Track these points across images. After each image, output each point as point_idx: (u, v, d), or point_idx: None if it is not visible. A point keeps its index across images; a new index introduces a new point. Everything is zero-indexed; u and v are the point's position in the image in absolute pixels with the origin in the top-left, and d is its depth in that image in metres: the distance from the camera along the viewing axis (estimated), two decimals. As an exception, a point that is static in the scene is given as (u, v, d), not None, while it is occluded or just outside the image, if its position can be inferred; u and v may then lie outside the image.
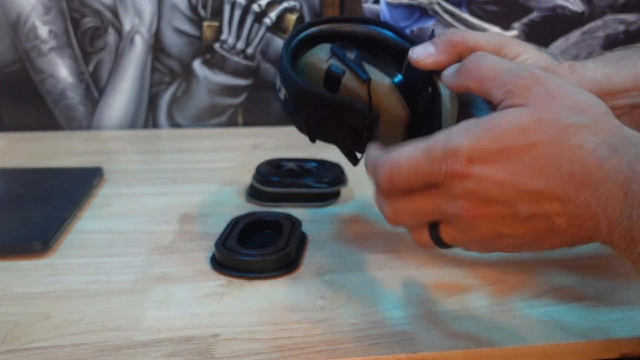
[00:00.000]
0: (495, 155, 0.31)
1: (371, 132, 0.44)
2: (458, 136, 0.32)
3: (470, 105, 0.42)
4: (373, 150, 0.37)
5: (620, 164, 0.29)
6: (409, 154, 0.34)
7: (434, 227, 0.36)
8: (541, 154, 0.31)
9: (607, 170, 0.30)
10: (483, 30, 0.98)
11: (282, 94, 0.47)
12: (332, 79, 0.45)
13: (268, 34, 0.94)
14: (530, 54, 0.41)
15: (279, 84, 0.47)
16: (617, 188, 0.29)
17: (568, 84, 0.34)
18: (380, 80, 0.44)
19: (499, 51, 0.40)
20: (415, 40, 0.47)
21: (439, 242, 0.37)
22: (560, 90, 0.32)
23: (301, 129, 0.48)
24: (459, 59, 0.39)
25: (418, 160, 0.33)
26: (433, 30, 0.43)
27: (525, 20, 0.99)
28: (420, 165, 0.33)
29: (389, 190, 0.36)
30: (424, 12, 0.96)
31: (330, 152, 0.56)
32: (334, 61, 0.45)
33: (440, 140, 0.33)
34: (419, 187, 0.34)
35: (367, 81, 0.43)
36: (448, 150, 0.32)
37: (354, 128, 0.45)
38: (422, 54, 0.40)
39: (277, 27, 0.94)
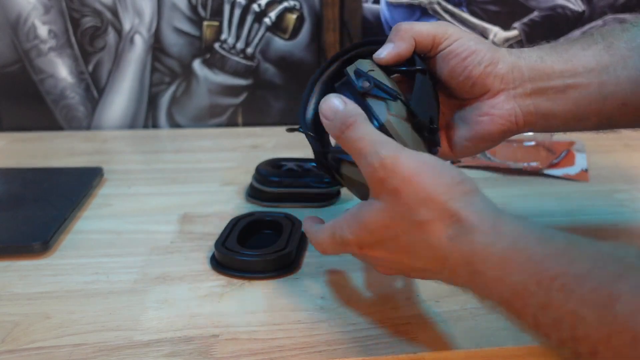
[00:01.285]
0: (375, 244, 0.38)
1: None
2: (345, 230, 0.38)
3: None
4: (306, 222, 0.44)
5: (462, 262, 0.33)
6: (323, 238, 0.41)
7: None
8: (405, 242, 0.36)
9: (455, 269, 0.34)
10: (483, 30, 0.98)
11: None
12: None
13: (268, 34, 0.94)
14: (464, 40, 0.45)
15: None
16: (467, 283, 0.34)
17: (421, 166, 0.35)
18: None
19: (437, 39, 0.45)
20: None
21: None
22: (406, 183, 0.35)
23: None
24: (414, 42, 0.44)
25: (329, 243, 0.41)
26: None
27: (525, 20, 0.99)
28: (333, 247, 0.40)
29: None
30: (424, 12, 0.96)
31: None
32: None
33: (337, 230, 0.39)
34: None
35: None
36: (342, 240, 0.39)
37: None
38: (382, 52, 0.44)
39: (277, 27, 0.94)
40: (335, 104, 0.40)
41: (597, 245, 0.30)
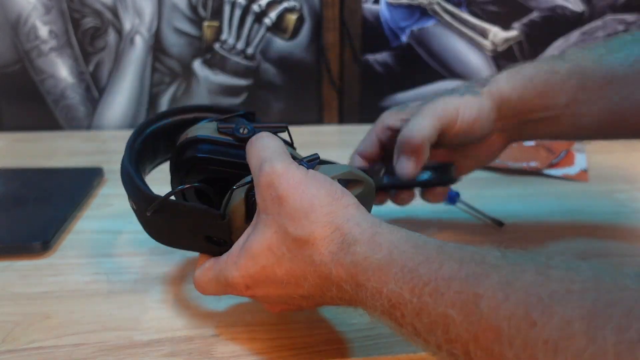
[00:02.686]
0: (260, 278, 0.36)
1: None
2: (231, 267, 0.37)
3: None
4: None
5: (345, 275, 0.33)
6: (206, 279, 0.40)
7: None
8: (289, 267, 0.35)
9: (340, 285, 0.33)
10: (483, 30, 0.99)
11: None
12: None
13: (268, 34, 0.94)
14: (466, 115, 0.49)
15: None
16: (353, 300, 0.33)
17: (308, 177, 0.36)
18: None
19: (447, 125, 0.49)
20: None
21: None
22: (292, 190, 0.35)
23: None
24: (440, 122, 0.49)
25: (213, 285, 0.39)
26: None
27: (525, 20, 0.99)
28: (218, 289, 0.39)
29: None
30: (423, 12, 0.96)
31: (329, 153, 0.56)
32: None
33: (222, 270, 0.38)
34: None
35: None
36: (228, 281, 0.38)
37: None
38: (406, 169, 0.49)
39: (277, 27, 0.94)
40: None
41: (463, 249, 0.31)
